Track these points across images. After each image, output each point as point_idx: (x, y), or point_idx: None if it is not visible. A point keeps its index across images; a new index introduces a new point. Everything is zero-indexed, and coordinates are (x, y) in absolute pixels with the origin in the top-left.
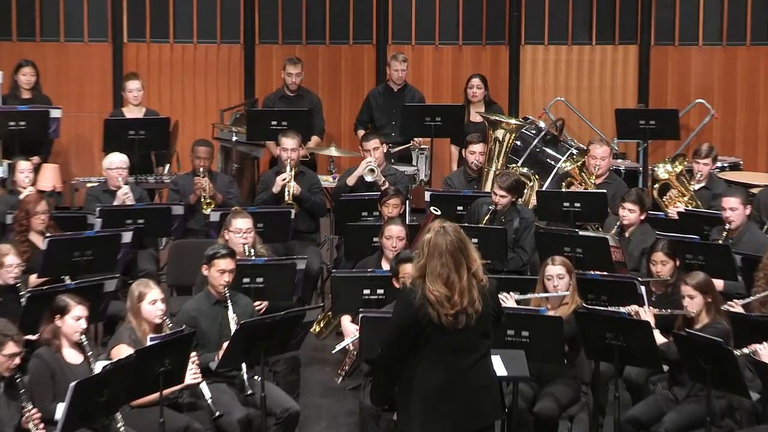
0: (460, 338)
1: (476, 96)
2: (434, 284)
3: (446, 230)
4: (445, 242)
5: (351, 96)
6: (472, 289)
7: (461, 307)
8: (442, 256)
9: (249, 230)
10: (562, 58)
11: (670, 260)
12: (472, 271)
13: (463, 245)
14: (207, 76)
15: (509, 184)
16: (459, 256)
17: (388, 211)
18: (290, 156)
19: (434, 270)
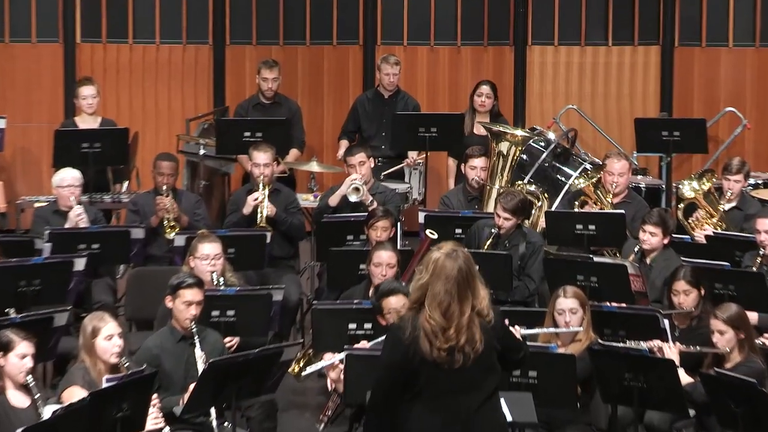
0: (457, 378)
1: (484, 106)
2: (432, 311)
3: (458, 255)
4: (455, 268)
5: (335, 103)
6: (473, 327)
7: (456, 344)
8: (447, 281)
9: (218, 256)
10: (574, 60)
11: (693, 289)
12: (476, 309)
13: (471, 277)
14: (171, 81)
15: (514, 205)
16: (465, 289)
17: (377, 234)
18: (263, 172)
19: (436, 295)
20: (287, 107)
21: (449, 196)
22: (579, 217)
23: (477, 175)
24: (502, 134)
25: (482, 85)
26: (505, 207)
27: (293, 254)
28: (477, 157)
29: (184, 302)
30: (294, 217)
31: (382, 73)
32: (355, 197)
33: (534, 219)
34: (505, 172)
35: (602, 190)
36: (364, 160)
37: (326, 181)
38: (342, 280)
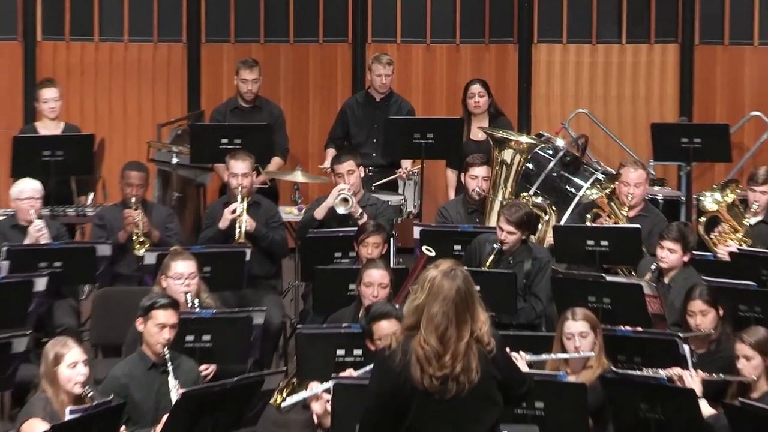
0: (451, 409)
1: (478, 106)
2: (428, 335)
3: (456, 274)
4: (453, 288)
5: (321, 107)
6: (470, 354)
7: (451, 373)
8: (445, 302)
9: (192, 275)
10: (584, 60)
11: (710, 309)
12: (475, 335)
13: (471, 300)
14: (141, 83)
15: (519, 217)
16: (464, 312)
17: (368, 251)
18: (242, 183)
19: (432, 317)
20: (268, 111)
21: (447, 209)
22: (590, 231)
23: (478, 185)
24: (506, 141)
25: (472, 84)
26: (509, 220)
27: (275, 273)
28: (478, 166)
29: (156, 325)
30: (276, 232)
31: (374, 74)
32: (343, 209)
33: (541, 234)
34: (509, 182)
35: (616, 203)
36: (353, 168)
37: (311, 193)
38: (329, 302)
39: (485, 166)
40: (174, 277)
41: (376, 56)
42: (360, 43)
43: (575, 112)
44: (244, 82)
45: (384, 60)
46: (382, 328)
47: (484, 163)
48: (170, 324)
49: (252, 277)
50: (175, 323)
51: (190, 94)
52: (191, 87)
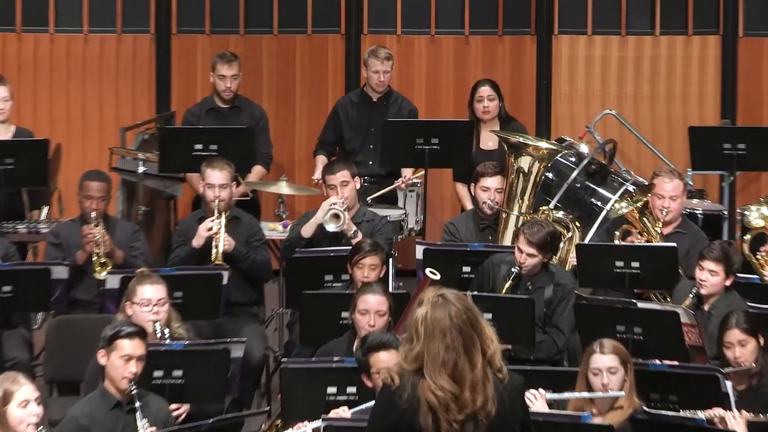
0: None
1: (488, 112)
2: (437, 377)
3: (447, 299)
4: (448, 315)
5: (310, 108)
6: (486, 382)
7: (472, 410)
8: (445, 335)
9: (162, 302)
10: (612, 53)
11: (750, 339)
12: (487, 355)
13: (473, 318)
14: (103, 80)
15: (542, 239)
16: (469, 333)
17: (363, 274)
18: (218, 195)
19: (436, 357)
20: (249, 113)
21: (455, 225)
22: (619, 251)
23: (490, 198)
24: (523, 147)
25: (480, 86)
26: (530, 240)
27: (257, 299)
28: (490, 176)
29: (121, 357)
30: (258, 252)
31: (370, 71)
32: (333, 226)
33: (562, 254)
34: (527, 194)
35: (649, 218)
36: (348, 179)
37: (299, 207)
38: (318, 332)
39: (499, 176)
40: (140, 304)
41: (372, 50)
42: (354, 34)
43: (602, 113)
44: (222, 79)
45: (382, 54)
46: (381, 360)
47: (497, 173)
48: (137, 356)
49: (230, 303)
50: (142, 355)
51: (159, 94)
52: (160, 85)
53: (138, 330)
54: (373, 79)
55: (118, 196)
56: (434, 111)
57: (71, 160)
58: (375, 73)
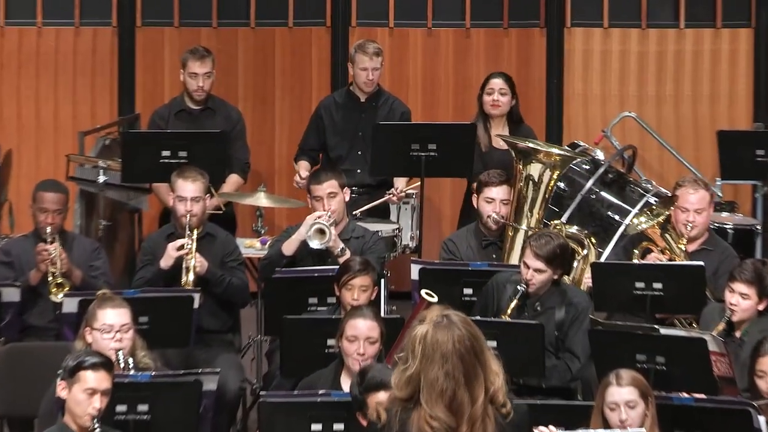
0: None
1: (497, 106)
2: (434, 406)
3: (451, 321)
4: (452, 339)
5: (292, 110)
6: (486, 419)
7: None
8: (446, 360)
9: (125, 327)
10: (631, 48)
11: None
12: (490, 391)
13: (478, 347)
14: (59, 79)
15: (550, 252)
16: (472, 363)
17: (352, 296)
18: (190, 209)
19: (433, 383)
20: (224, 115)
21: (455, 241)
22: (639, 271)
23: (495, 210)
24: (532, 153)
25: (493, 78)
26: (537, 254)
27: (232, 326)
28: (495, 185)
29: (85, 390)
30: (234, 274)
31: (357, 68)
32: (317, 243)
33: (576, 273)
34: (536, 206)
35: (672, 234)
36: (336, 190)
37: (279, 221)
38: (301, 362)
39: (505, 185)
40: (101, 330)
41: (359, 44)
42: (341, 26)
43: (620, 116)
44: (193, 77)
45: (370, 49)
46: (381, 401)
47: (503, 182)
48: (102, 390)
49: (202, 330)
50: (108, 389)
51: (121, 93)
52: (123, 84)
53: (104, 361)
54: (360, 77)
55: (76, 209)
56: (431, 113)
57: (23, 169)
58: (362, 70)
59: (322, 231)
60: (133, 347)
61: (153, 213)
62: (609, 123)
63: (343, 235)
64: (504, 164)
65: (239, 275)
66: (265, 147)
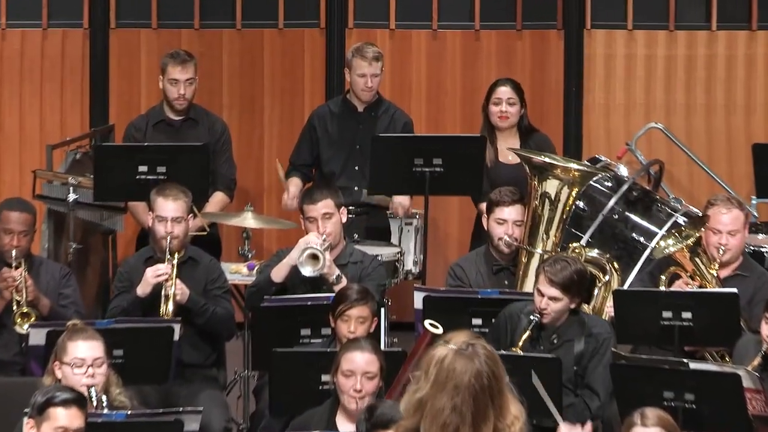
0: None
1: (505, 117)
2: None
3: (476, 352)
4: (470, 372)
5: (282, 121)
6: None
7: None
8: (457, 393)
9: (98, 362)
10: (658, 53)
11: None
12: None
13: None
14: (24, 85)
15: (567, 278)
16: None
17: (349, 327)
18: (171, 230)
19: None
20: (207, 126)
21: (463, 266)
22: (667, 299)
23: (508, 232)
24: (548, 168)
25: (499, 86)
26: (552, 280)
27: (216, 360)
28: (507, 205)
29: (55, 429)
30: (218, 302)
31: (354, 74)
32: (310, 270)
33: (597, 302)
34: (553, 227)
35: (703, 258)
36: (332, 211)
37: (268, 244)
38: (292, 400)
39: (518, 204)
40: (72, 364)
41: (357, 48)
42: (337, 28)
43: (646, 127)
44: (173, 84)
45: (369, 53)
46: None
47: (516, 201)
48: (74, 428)
49: (183, 364)
50: (80, 427)
51: (94, 102)
52: (96, 92)
53: (76, 397)
54: (358, 84)
55: (43, 231)
56: (436, 124)
57: None
58: (360, 77)
59: (316, 257)
60: (106, 383)
61: (129, 235)
62: (633, 135)
63: (339, 260)
64: (513, 181)
65: (224, 304)
66: (252, 161)
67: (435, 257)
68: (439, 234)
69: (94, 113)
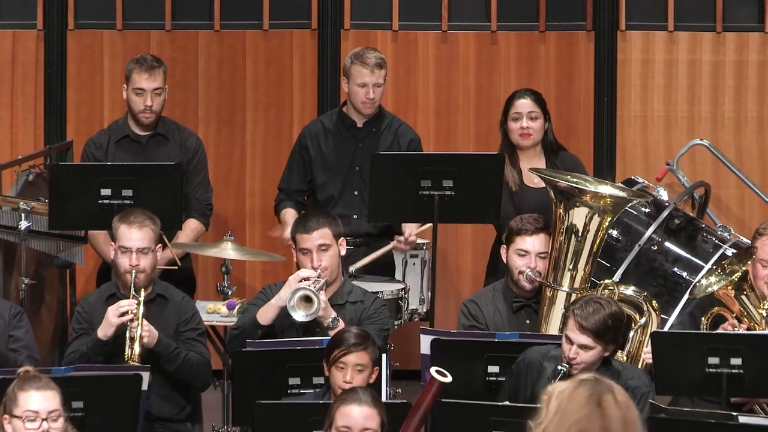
0: None
1: (528, 135)
2: None
3: (604, 403)
4: (587, 408)
5: (267, 136)
6: None
7: None
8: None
9: (54, 415)
10: (702, 57)
11: None
12: None
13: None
14: None
15: (600, 323)
16: None
17: (344, 377)
18: (136, 264)
19: None
20: (179, 143)
21: (478, 304)
22: (713, 343)
23: (530, 265)
24: (577, 193)
25: (518, 98)
26: (582, 326)
27: (190, 413)
28: (530, 234)
29: None
30: (192, 346)
31: (354, 83)
32: (303, 314)
33: (632, 347)
34: (582, 261)
35: (751, 296)
36: (329, 242)
37: (251, 279)
38: None
39: (542, 233)
40: (24, 418)
41: (357, 53)
42: (331, 28)
43: (689, 144)
44: (140, 94)
45: (371, 60)
46: None
47: (539, 230)
48: None
49: (152, 418)
50: None
51: (49, 115)
52: (51, 103)
53: None
54: (358, 95)
55: None
56: (447, 141)
57: None
58: (361, 87)
59: (309, 299)
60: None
61: (89, 269)
62: (675, 153)
63: (335, 300)
64: (542, 207)
65: (199, 349)
66: (232, 184)
67: (445, 295)
68: (450, 268)
69: (49, 128)
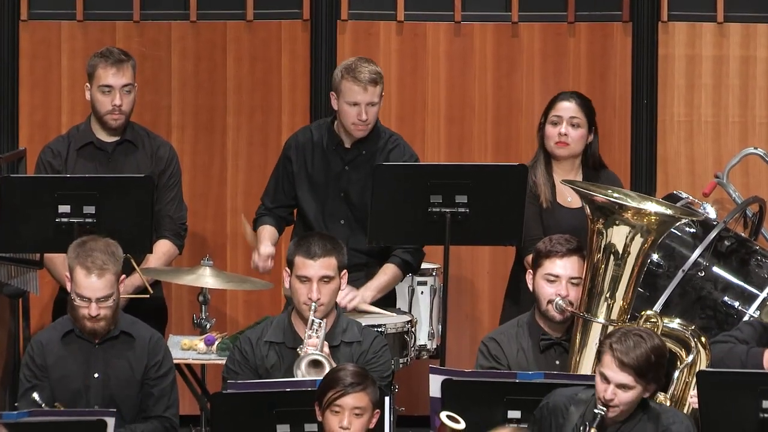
0: None
1: (565, 142)
2: None
3: None
4: None
5: (251, 145)
6: None
7: None
8: None
9: None
10: (758, 54)
11: None
12: None
13: None
14: None
15: (640, 359)
16: None
17: (340, 422)
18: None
19: None
20: (150, 152)
21: (500, 341)
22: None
23: (561, 292)
24: (616, 210)
25: (561, 100)
26: (622, 362)
27: None
28: (560, 257)
29: None
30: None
31: (344, 101)
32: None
33: (678, 389)
34: (620, 288)
35: None
36: (332, 273)
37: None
38: None
39: (575, 256)
40: None
41: (348, 66)
42: (325, 19)
43: (741, 153)
44: (105, 92)
45: (364, 75)
46: None
47: (572, 252)
48: None
49: None
50: None
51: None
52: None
53: None
54: (348, 116)
55: None
56: (460, 149)
57: None
58: (352, 106)
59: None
60: None
61: (45, 298)
62: (725, 164)
63: (329, 340)
64: (575, 231)
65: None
66: (211, 200)
67: (458, 328)
68: (464, 297)
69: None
